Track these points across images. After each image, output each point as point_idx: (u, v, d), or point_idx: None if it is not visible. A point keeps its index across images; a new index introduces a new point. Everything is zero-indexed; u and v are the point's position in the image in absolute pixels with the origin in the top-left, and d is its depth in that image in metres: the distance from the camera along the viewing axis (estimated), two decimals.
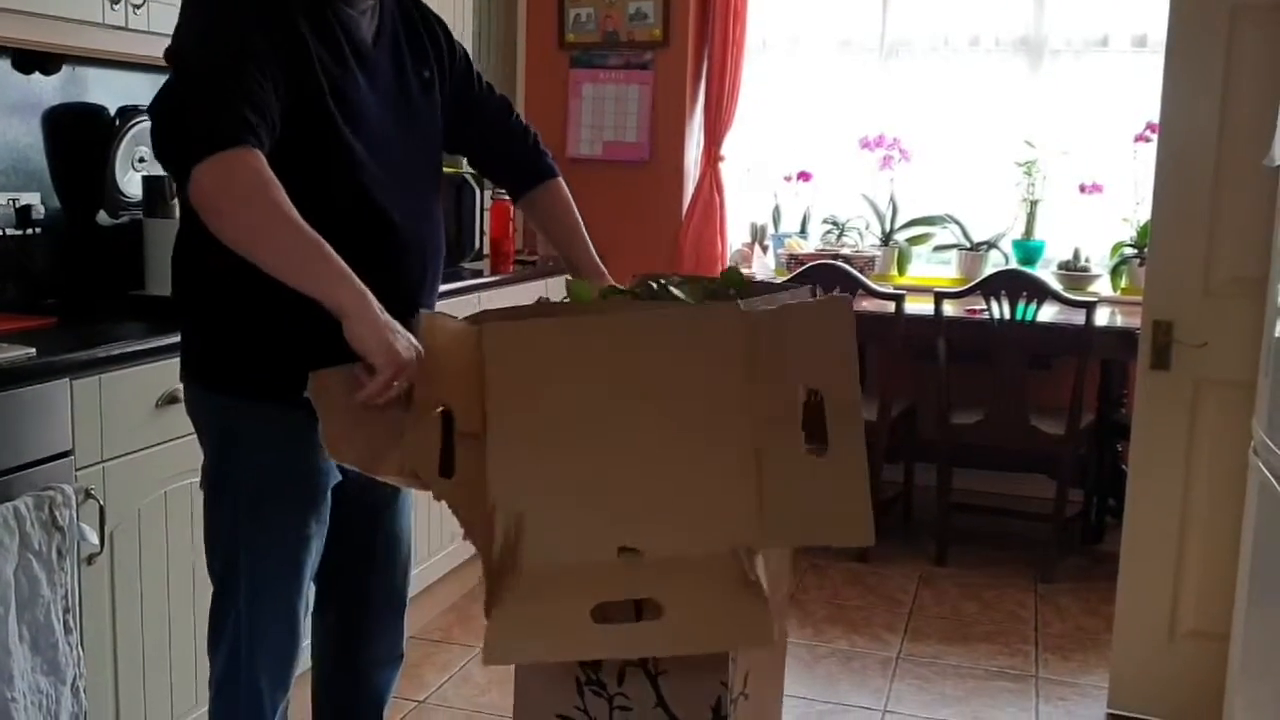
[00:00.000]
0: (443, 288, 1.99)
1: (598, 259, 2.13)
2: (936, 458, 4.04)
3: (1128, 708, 2.92)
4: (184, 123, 1.61)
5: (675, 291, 1.76)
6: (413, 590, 3.05)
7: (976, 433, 3.94)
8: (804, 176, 4.76)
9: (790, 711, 2.94)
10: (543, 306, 1.76)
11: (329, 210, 1.68)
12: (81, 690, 2.00)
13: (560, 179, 2.14)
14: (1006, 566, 3.98)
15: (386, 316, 1.58)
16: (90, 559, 2.09)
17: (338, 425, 1.51)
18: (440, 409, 1.53)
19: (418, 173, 1.90)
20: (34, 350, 2.02)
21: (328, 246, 1.58)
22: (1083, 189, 4.42)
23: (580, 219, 2.15)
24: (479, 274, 3.73)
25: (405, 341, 1.57)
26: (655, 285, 1.80)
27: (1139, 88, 4.18)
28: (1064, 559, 3.95)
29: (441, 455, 1.54)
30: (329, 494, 1.87)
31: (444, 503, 1.53)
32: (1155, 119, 2.91)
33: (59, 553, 1.95)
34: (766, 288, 1.97)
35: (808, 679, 3.13)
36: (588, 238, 2.14)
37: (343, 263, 1.59)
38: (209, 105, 1.59)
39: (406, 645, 2.17)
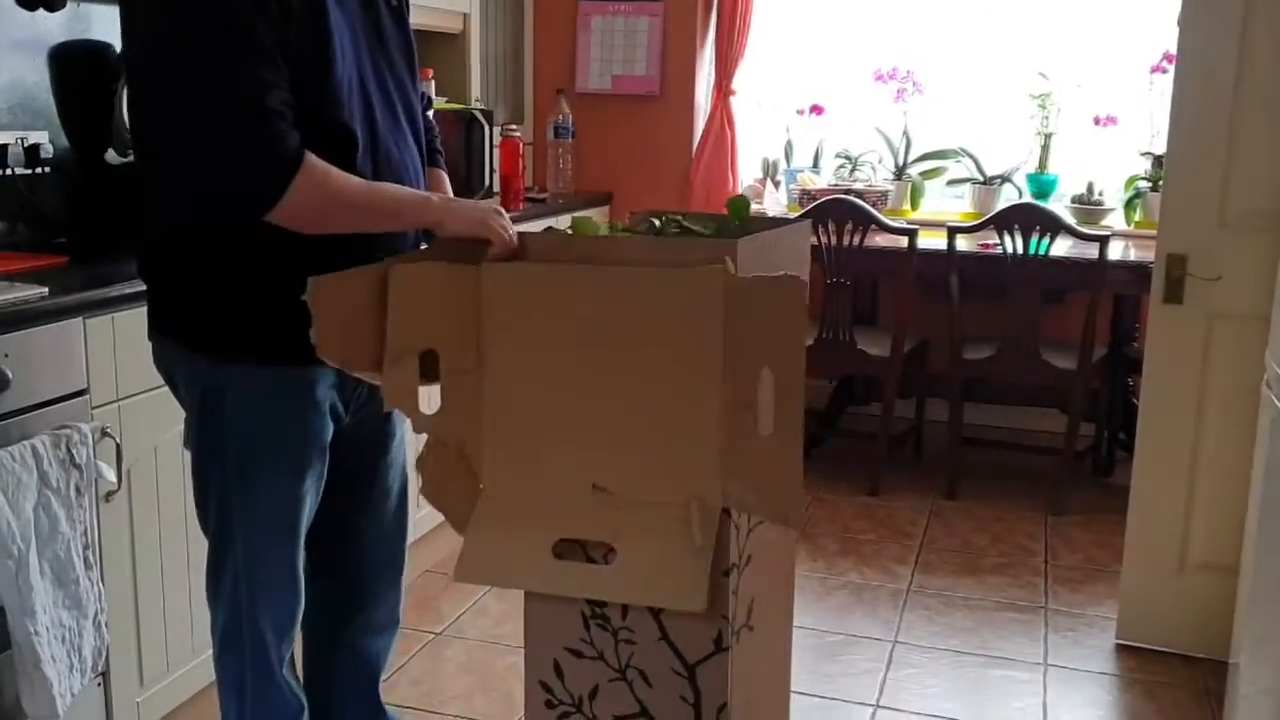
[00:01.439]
0: None
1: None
2: (948, 392, 4.05)
3: (1136, 639, 2.95)
4: (245, 165, 1.60)
5: (690, 225, 1.77)
6: (428, 525, 3.11)
7: (988, 367, 3.94)
8: (816, 110, 4.72)
9: (801, 643, 2.97)
10: (548, 237, 1.76)
11: (309, 137, 1.66)
12: (103, 624, 2.04)
13: (444, 172, 2.11)
14: (1016, 500, 4.00)
15: (454, 201, 1.81)
16: (108, 496, 2.11)
17: (329, 329, 1.58)
18: (420, 351, 1.61)
19: (395, 100, 1.85)
20: (46, 289, 2.03)
21: (394, 186, 1.76)
22: (1097, 121, 4.37)
23: None
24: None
25: (487, 206, 1.76)
26: (657, 223, 1.80)
27: (1155, 17, 4.11)
28: (1074, 492, 3.97)
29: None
30: (326, 452, 1.84)
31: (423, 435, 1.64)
32: (1172, 49, 2.87)
33: (77, 490, 1.98)
34: (769, 223, 1.96)
35: (819, 611, 3.16)
36: None
37: (411, 190, 1.80)
38: (257, 137, 1.59)
39: (404, 610, 2.15)
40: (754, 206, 4.67)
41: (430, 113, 2.13)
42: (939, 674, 2.83)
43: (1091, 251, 3.73)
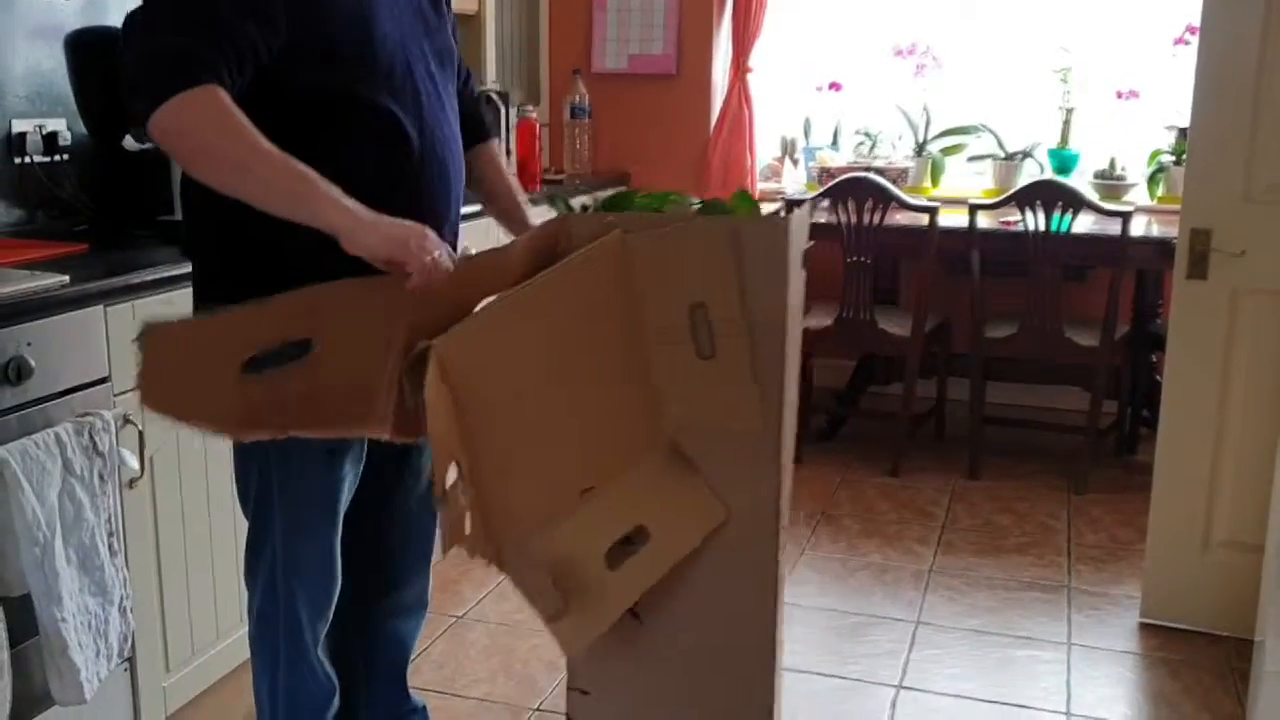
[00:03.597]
0: (468, 209, 1.97)
1: (529, 216, 2.05)
2: (970, 372, 4.03)
3: (1160, 617, 2.94)
4: (144, 62, 1.58)
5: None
6: None
7: (1010, 346, 3.91)
8: (835, 87, 4.68)
9: (824, 624, 2.98)
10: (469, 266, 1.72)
11: (355, 130, 1.68)
12: (129, 610, 2.05)
13: (495, 141, 2.10)
14: (1039, 479, 3.98)
15: (376, 215, 1.58)
16: (131, 483, 2.12)
17: (154, 377, 1.51)
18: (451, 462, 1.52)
19: (438, 90, 1.87)
20: (67, 278, 2.03)
21: (304, 168, 1.57)
22: (1119, 95, 4.32)
23: (514, 180, 2.09)
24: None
25: (413, 226, 1.59)
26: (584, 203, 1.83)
27: None
28: (1097, 470, 3.95)
29: None
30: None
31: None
32: (1195, 20, 2.82)
33: (100, 477, 1.99)
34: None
35: (841, 592, 3.16)
36: (521, 195, 2.08)
37: (327, 183, 1.57)
38: (167, 45, 1.57)
39: (433, 590, 2.17)
40: (772, 185, 4.67)
41: (473, 82, 2.12)
42: (962, 654, 2.83)
43: (1114, 227, 3.70)
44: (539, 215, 1.95)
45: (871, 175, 3.98)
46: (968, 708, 2.59)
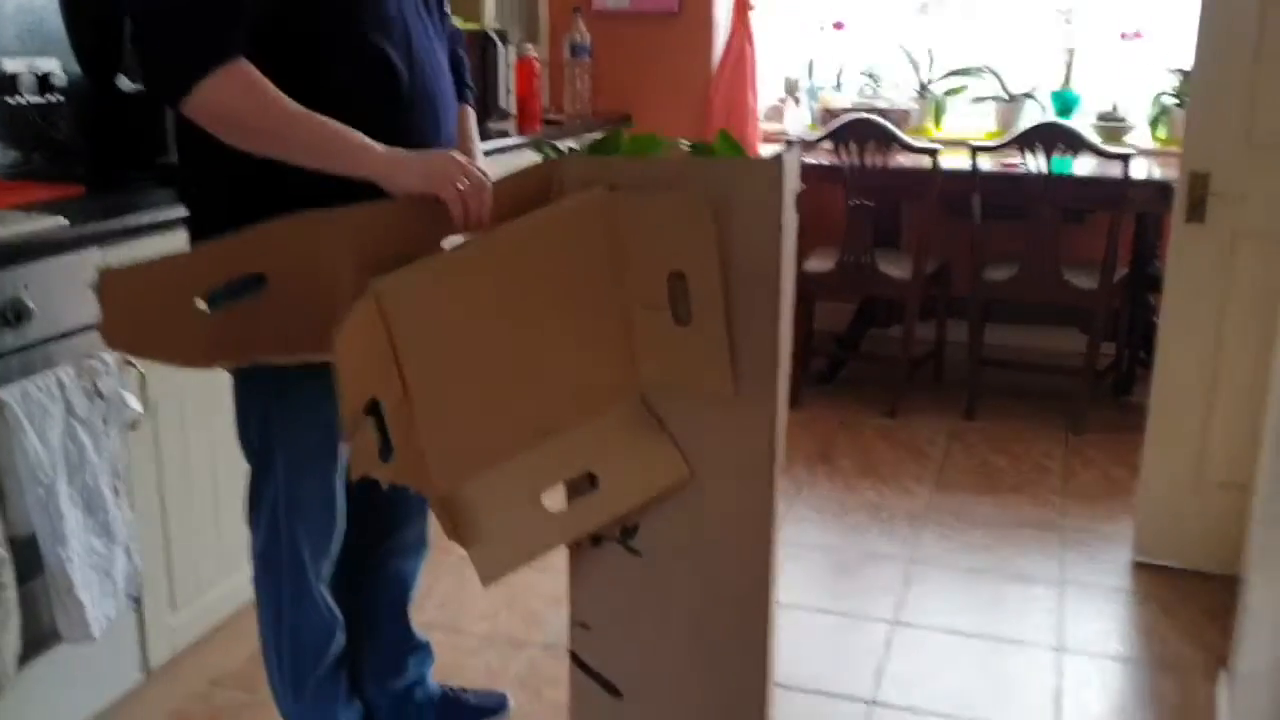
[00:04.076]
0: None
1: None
2: (969, 314, 4.04)
3: (1151, 555, 2.98)
4: (171, 42, 1.60)
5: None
6: None
7: (1009, 288, 3.92)
8: (838, 26, 4.64)
9: (820, 561, 3.02)
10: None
11: (345, 67, 1.68)
12: (134, 551, 2.08)
13: (471, 109, 2.10)
14: (1036, 420, 4.00)
15: (407, 153, 1.65)
16: (134, 425, 2.14)
17: (116, 318, 1.57)
18: (367, 402, 1.52)
19: (426, 27, 1.84)
20: (65, 220, 2.04)
21: (333, 124, 1.63)
22: (1123, 36, 4.28)
23: (479, 146, 2.09)
24: (505, 134, 3.68)
25: (443, 157, 1.64)
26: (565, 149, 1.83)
27: None
28: (1094, 412, 3.97)
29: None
30: None
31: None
32: None
33: (103, 420, 2.01)
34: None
35: (837, 529, 3.19)
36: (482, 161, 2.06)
37: (353, 132, 1.64)
38: (193, 21, 1.58)
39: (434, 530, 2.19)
40: (775, 126, 4.64)
41: (462, 49, 2.11)
42: (955, 591, 2.87)
43: (1115, 170, 3.69)
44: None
45: (874, 117, 3.95)
46: (961, 643, 2.63)
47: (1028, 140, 3.73)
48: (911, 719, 2.36)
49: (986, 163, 3.88)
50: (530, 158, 2.03)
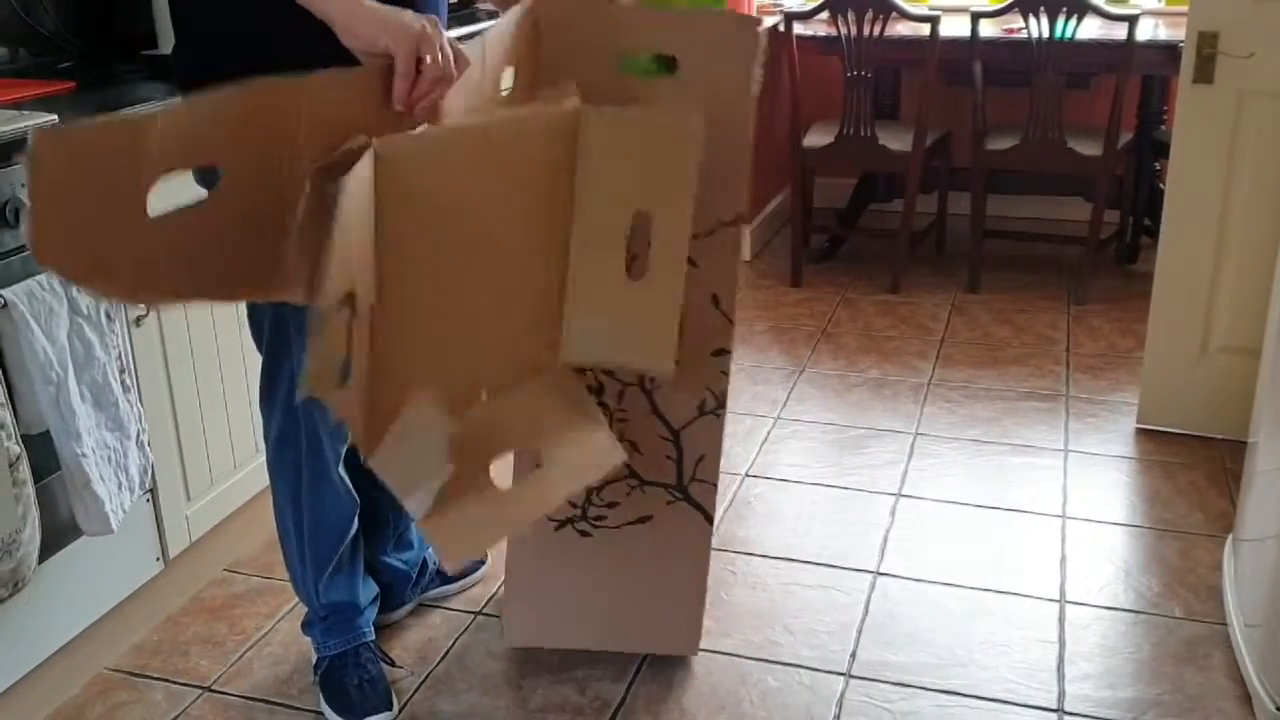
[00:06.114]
0: (459, 31, 1.92)
1: None
2: (971, 185, 4.00)
3: (1156, 423, 3.00)
4: None
5: None
6: None
7: (1012, 157, 3.87)
8: None
9: (823, 437, 3.04)
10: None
11: None
12: (146, 444, 2.10)
13: None
14: (1039, 291, 4.00)
15: (379, 4, 1.46)
16: (138, 321, 2.14)
17: (49, 211, 1.14)
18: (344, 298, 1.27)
19: None
20: (56, 117, 2.00)
21: None
22: None
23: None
24: (495, 15, 3.58)
25: (416, 18, 1.43)
26: None
27: None
28: (1098, 280, 3.96)
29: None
30: None
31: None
32: None
33: (107, 316, 2.00)
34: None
35: (840, 406, 3.21)
36: None
37: None
38: None
39: None
40: None
41: None
42: (959, 463, 2.90)
43: (1120, 32, 3.61)
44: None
45: None
46: (966, 513, 2.67)
47: (1030, 4, 3.64)
48: (918, 588, 2.40)
49: (987, 28, 3.80)
50: None
